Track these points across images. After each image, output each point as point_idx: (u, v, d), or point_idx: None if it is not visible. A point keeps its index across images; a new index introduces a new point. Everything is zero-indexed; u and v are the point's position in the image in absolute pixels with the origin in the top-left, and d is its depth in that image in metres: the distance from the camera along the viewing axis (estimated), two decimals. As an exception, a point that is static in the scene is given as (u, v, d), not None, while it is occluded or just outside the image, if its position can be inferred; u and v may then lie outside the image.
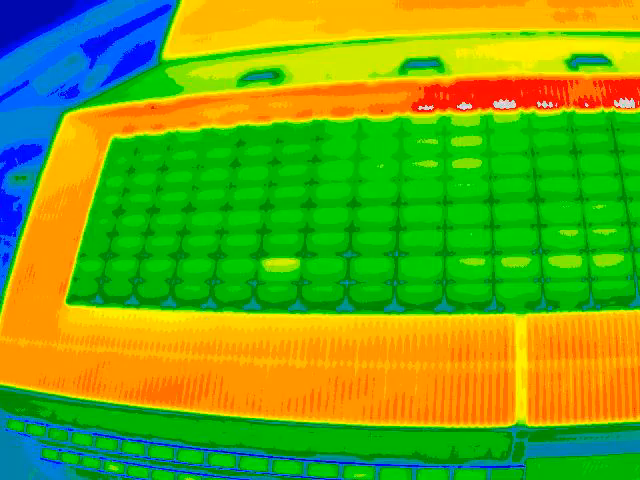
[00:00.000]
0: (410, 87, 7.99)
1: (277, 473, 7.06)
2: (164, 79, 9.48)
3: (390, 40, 9.05)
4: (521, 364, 6.58)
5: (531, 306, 6.61)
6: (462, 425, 6.60)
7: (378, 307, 6.68)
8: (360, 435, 6.81)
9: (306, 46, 9.46)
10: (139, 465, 7.89)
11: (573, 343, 6.54)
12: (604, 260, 6.91)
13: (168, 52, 10.53)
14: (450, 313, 6.57)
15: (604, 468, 6.95)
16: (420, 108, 7.73)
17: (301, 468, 7.09)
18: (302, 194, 7.27)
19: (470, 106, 7.81)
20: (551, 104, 7.95)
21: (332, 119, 7.79)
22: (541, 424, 6.58)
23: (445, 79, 8.09)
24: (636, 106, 8.07)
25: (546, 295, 6.66)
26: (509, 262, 6.78)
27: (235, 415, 6.95)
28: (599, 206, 7.25)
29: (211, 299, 6.98)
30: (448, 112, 7.67)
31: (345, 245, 6.97)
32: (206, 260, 7.17)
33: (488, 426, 6.61)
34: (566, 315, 6.57)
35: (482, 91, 7.97)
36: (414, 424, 6.62)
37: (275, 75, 8.83)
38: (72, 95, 11.35)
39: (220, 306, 6.93)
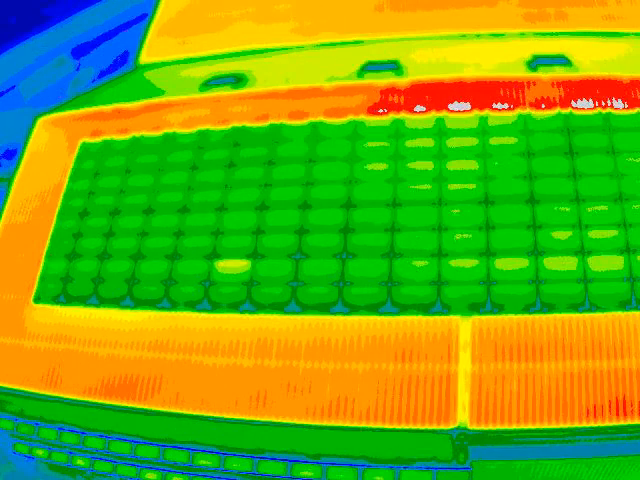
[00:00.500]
0: (366, 90, 8.11)
1: (228, 469, 7.28)
2: (135, 83, 9.79)
3: (357, 43, 9.16)
4: (464, 367, 6.64)
5: (476, 308, 6.66)
6: (404, 426, 6.71)
7: (324, 308, 6.83)
8: (307, 434, 6.98)
9: (275, 50, 9.65)
10: (103, 460, 8.22)
11: (518, 346, 6.58)
12: (554, 263, 6.92)
13: (145, 56, 10.86)
14: (394, 315, 6.68)
15: (552, 472, 6.97)
16: (374, 111, 7.84)
17: (251, 465, 7.30)
18: (256, 197, 7.46)
19: (424, 108, 7.87)
20: (506, 106, 7.95)
21: (288, 122, 7.98)
22: (483, 427, 6.64)
23: (401, 82, 8.18)
24: (594, 107, 8.02)
25: (492, 297, 6.70)
26: (455, 264, 6.83)
27: (186, 412, 7.20)
28: (552, 209, 7.26)
29: (166, 299, 7.23)
30: (402, 115, 7.76)
31: (295, 247, 7.14)
32: (162, 261, 7.43)
33: (429, 428, 6.70)
34: (512, 318, 6.61)
35: (437, 93, 8.03)
36: (356, 424, 6.75)
37: (238, 79, 9.04)
38: (58, 98, 11.80)
39: (174, 306, 7.18)
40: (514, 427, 6.61)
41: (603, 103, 8.10)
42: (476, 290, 6.77)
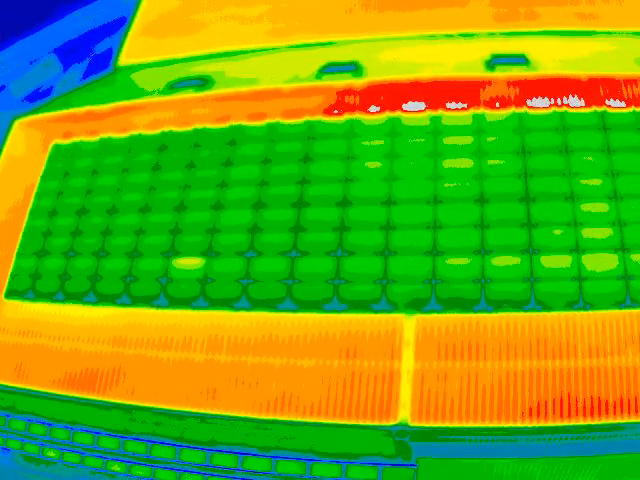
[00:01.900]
0: (323, 91, 8.39)
1: (183, 461, 7.67)
2: (110, 86, 10.26)
3: (323, 44, 9.44)
4: (407, 364, 6.87)
5: (420, 306, 6.88)
6: (346, 422, 6.98)
7: (273, 305, 7.14)
8: (255, 428, 7.31)
9: (245, 52, 9.99)
10: (71, 451, 8.71)
11: (462, 345, 6.78)
12: (499, 261, 7.10)
13: (123, 58, 11.35)
14: (341, 312, 6.95)
15: (500, 471, 7.16)
16: (330, 112, 8.11)
17: (204, 457, 7.68)
18: (212, 196, 7.82)
19: (379, 109, 8.10)
20: (460, 105, 8.12)
21: (247, 124, 8.32)
22: (424, 424, 6.87)
23: (358, 83, 8.43)
24: (549, 106, 8.13)
25: (436, 296, 6.91)
26: (401, 262, 7.06)
27: (141, 405, 7.61)
28: (502, 207, 7.42)
29: (126, 295, 7.65)
30: (357, 115, 8.02)
31: (247, 245, 7.48)
32: (123, 259, 7.85)
33: (371, 424, 6.96)
34: (456, 317, 6.82)
35: (392, 94, 8.25)
36: (300, 419, 7.05)
37: (203, 82, 9.43)
38: (45, 99, 12.40)
39: (133, 302, 7.60)
40: (455, 425, 6.84)
41: (559, 102, 8.22)
42: (421, 288, 6.99)
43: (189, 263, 7.53)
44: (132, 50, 11.27)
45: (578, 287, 6.89)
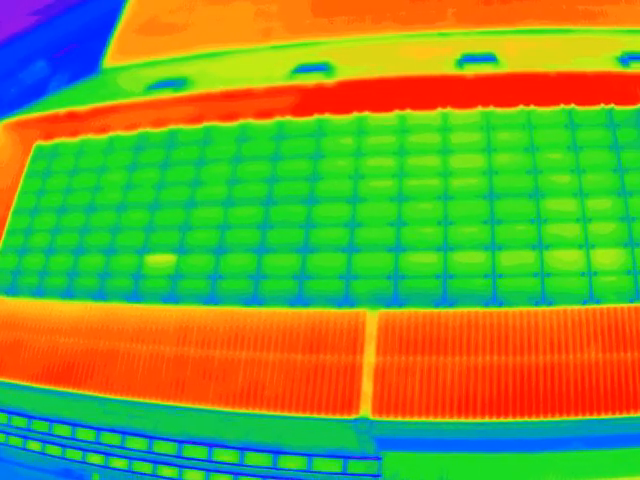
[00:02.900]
0: (294, 92, 8.63)
1: (156, 452, 7.98)
2: (92, 88, 10.64)
3: (298, 45, 9.70)
4: (368, 359, 7.10)
5: (383, 302, 7.10)
6: (309, 415, 7.22)
7: (240, 300, 7.43)
8: (224, 420, 7.59)
9: (224, 53, 10.31)
10: (51, 444, 9.06)
11: (423, 340, 7.00)
12: (462, 258, 7.30)
13: (109, 60, 11.74)
14: (306, 307, 7.20)
15: (461, 465, 7.33)
16: (299, 112, 8.34)
17: (176, 449, 7.98)
18: (185, 195, 8.13)
19: (348, 108, 8.29)
20: (428, 104, 8.29)
21: (220, 124, 8.61)
22: (384, 418, 7.08)
23: (328, 82, 8.66)
24: (515, 103, 8.28)
25: (399, 291, 7.13)
26: (365, 258, 7.30)
27: (115, 397, 7.94)
28: (465, 204, 7.61)
29: (101, 291, 8.02)
30: (326, 115, 8.24)
31: (217, 242, 7.78)
32: (100, 256, 8.21)
33: (333, 417, 7.19)
34: (418, 312, 7.03)
35: (362, 93, 8.45)
36: (265, 411, 7.31)
37: (181, 83, 9.75)
38: (31, 101, 12.84)
39: (108, 297, 7.96)
40: (415, 419, 7.03)
41: (526, 99, 8.36)
42: (384, 284, 7.23)
43: (162, 260, 7.87)
44: (117, 52, 11.71)
45: (541, 283, 7.06)
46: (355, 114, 8.55)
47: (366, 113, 8.63)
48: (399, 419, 7.51)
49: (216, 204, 8.56)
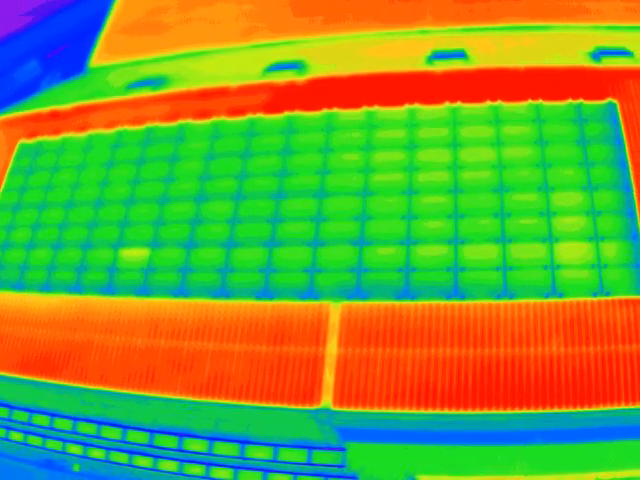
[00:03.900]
0: (267, 89, 8.92)
1: (129, 441, 8.32)
2: (77, 87, 11.07)
3: (278, 44, 9.99)
4: (331, 350, 7.34)
5: (346, 294, 7.34)
6: (272, 404, 7.49)
7: (208, 292, 7.72)
8: (194, 410, 7.89)
9: (204, 52, 10.65)
10: (33, 434, 9.45)
11: (384, 332, 7.23)
12: (425, 251, 7.50)
13: (95, 60, 12.17)
14: (271, 299, 7.47)
15: (425, 456, 7.55)
16: (271, 109, 8.62)
17: (148, 438, 8.30)
18: (159, 191, 8.46)
19: (317, 105, 8.54)
20: (396, 100, 8.49)
21: (194, 122, 8.94)
22: (345, 409, 7.32)
23: (300, 80, 8.92)
24: (482, 99, 8.46)
25: (362, 284, 7.37)
26: (329, 252, 7.54)
27: (88, 387, 8.30)
28: (428, 198, 7.82)
29: (78, 284, 8.38)
30: (296, 112, 8.51)
31: (188, 236, 8.09)
32: (77, 250, 8.57)
33: (296, 407, 7.45)
34: (380, 304, 7.26)
35: (332, 90, 8.69)
36: (230, 401, 7.59)
37: (161, 81, 10.10)
38: (19, 100, 13.31)
39: (84, 290, 8.32)
40: (376, 410, 7.26)
41: (494, 95, 8.53)
42: (347, 277, 7.47)
43: (135, 254, 8.21)
44: (103, 52, 12.12)
45: (502, 276, 7.25)
46: (325, 111, 8.83)
47: (335, 110, 8.90)
48: (360, 410, 7.74)
49: (188, 199, 8.90)
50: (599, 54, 8.98)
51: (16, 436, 10.17)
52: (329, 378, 7.60)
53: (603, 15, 9.77)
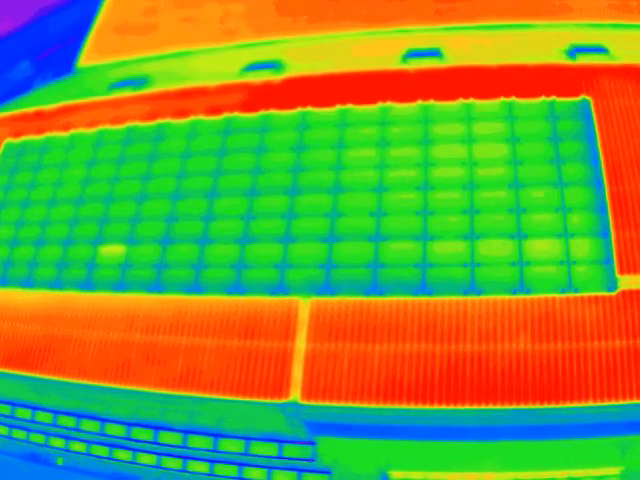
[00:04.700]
0: (244, 89, 9.15)
1: (108, 434, 8.59)
2: (64, 87, 11.40)
3: (256, 44, 10.22)
4: (300, 345, 7.54)
5: (316, 290, 7.54)
6: (242, 398, 7.71)
7: (182, 288, 7.97)
8: (168, 403, 8.14)
9: (186, 53, 10.92)
10: (18, 428, 9.76)
11: (352, 327, 7.41)
12: (393, 247, 7.68)
13: (82, 61, 12.50)
14: (242, 295, 7.70)
15: (394, 451, 7.74)
16: (247, 108, 8.85)
17: (125, 431, 8.57)
18: (138, 189, 8.73)
19: (291, 104, 8.74)
20: (369, 98, 8.67)
21: (172, 121, 9.20)
22: (313, 402, 7.52)
23: (276, 79, 9.14)
24: (455, 97, 8.60)
25: (331, 280, 7.56)
26: (299, 248, 7.74)
27: (67, 380, 8.59)
28: (398, 195, 7.99)
29: (58, 280, 8.68)
30: (271, 110, 8.73)
31: (163, 233, 8.34)
32: (58, 246, 8.88)
33: (264, 401, 7.66)
34: (349, 300, 7.45)
35: (306, 89, 8.89)
36: (202, 394, 7.83)
37: (142, 81, 10.37)
38: (7, 100, 13.68)
39: (64, 286, 8.62)
40: (343, 404, 7.45)
41: (467, 93, 8.67)
42: (317, 273, 7.66)
43: (113, 250, 8.50)
44: (91, 53, 12.45)
45: (470, 273, 7.40)
46: (299, 109, 9.05)
47: (309, 108, 9.13)
48: (327, 404, 7.94)
49: (164, 197, 9.19)
50: (574, 51, 9.08)
51: (2, 430, 10.52)
52: (297, 372, 7.80)
53: (583, 13, 9.85)
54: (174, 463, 8.77)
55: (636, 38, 9.18)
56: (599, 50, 9.14)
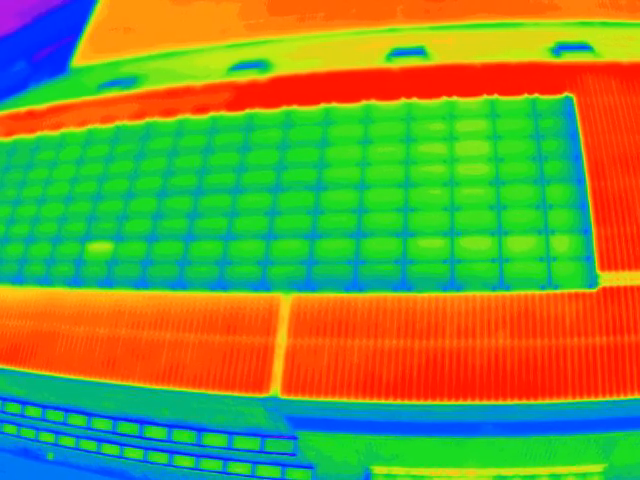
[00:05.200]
0: (230, 88, 9.31)
1: (95, 428, 8.77)
2: (57, 87, 11.64)
3: (244, 45, 10.39)
4: (280, 340, 7.68)
5: (296, 286, 7.67)
6: (224, 392, 7.85)
7: (167, 284, 8.14)
8: (151, 397, 8.30)
9: (177, 53, 11.10)
10: (7, 422, 9.96)
11: (332, 323, 7.54)
12: (374, 244, 7.79)
13: (76, 61, 12.74)
14: (225, 291, 7.85)
15: (376, 446, 7.85)
16: (232, 107, 9.01)
17: (112, 425, 8.74)
18: (126, 187, 8.93)
19: (277, 103, 8.89)
20: (352, 97, 8.79)
21: (159, 120, 9.38)
22: (293, 397, 7.65)
23: (262, 78, 9.29)
24: (438, 95, 8.70)
25: (312, 276, 7.69)
26: (281, 244, 7.88)
27: (54, 375, 8.78)
28: (380, 194, 8.10)
29: (47, 276, 8.89)
30: (256, 109, 8.88)
31: (149, 230, 8.52)
32: (47, 244, 9.09)
33: (246, 395, 7.80)
34: (329, 296, 7.58)
35: (292, 87, 9.03)
36: (185, 389, 7.98)
37: (132, 81, 10.58)
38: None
39: (52, 282, 8.82)
40: (322, 399, 7.58)
41: (450, 90, 8.76)
42: (298, 269, 7.80)
43: (100, 248, 8.69)
44: (84, 53, 12.68)
45: (450, 269, 7.50)
46: (284, 108, 9.21)
47: (294, 107, 9.29)
48: (307, 398, 8.06)
49: (151, 195, 9.39)
50: (559, 49, 9.15)
51: (-6, 425, 10.72)
52: (278, 367, 7.94)
53: (569, 11, 9.93)
54: (160, 457, 8.94)
55: (620, 36, 9.26)
56: (584, 48, 9.21)
